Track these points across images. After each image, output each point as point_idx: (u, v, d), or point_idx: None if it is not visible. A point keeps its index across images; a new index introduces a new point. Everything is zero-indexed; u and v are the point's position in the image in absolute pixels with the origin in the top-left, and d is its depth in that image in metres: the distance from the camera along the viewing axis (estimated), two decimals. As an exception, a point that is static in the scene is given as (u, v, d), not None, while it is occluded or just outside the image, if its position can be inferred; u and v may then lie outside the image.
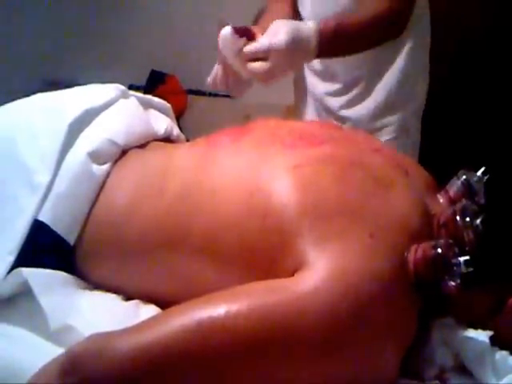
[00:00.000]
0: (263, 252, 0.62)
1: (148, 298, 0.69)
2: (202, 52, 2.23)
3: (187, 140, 0.94)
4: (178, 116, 2.02)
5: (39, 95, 0.87)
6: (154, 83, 2.07)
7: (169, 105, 0.96)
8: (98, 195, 0.73)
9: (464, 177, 0.73)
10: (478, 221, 0.65)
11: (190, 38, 2.22)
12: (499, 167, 0.80)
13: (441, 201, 0.73)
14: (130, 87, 2.06)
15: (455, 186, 0.73)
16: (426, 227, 0.66)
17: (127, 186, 0.74)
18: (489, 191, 0.74)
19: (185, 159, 0.75)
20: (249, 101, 2.16)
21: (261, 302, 0.56)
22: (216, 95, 2.19)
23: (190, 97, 2.12)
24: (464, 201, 0.69)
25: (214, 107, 2.10)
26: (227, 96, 2.22)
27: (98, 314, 0.65)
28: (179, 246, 0.67)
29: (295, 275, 0.59)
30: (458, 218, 0.66)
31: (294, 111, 1.35)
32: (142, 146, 0.81)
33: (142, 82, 2.13)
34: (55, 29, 2.24)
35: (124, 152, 0.78)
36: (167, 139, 0.88)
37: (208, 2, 2.22)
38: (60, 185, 0.72)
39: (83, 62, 2.16)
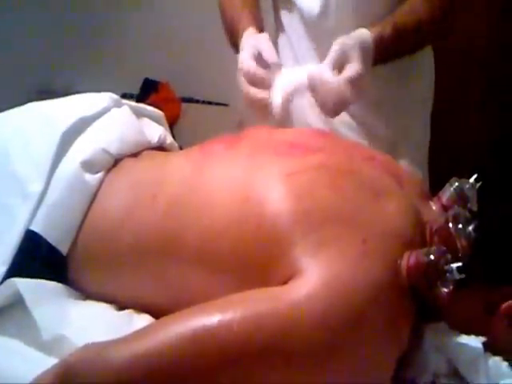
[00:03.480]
0: (257, 260, 0.62)
1: (141, 308, 0.69)
2: (195, 60, 2.25)
3: (180, 148, 0.94)
4: (172, 124, 2.02)
5: (32, 104, 0.86)
6: (147, 91, 2.07)
7: (162, 113, 0.96)
8: (90, 205, 0.73)
9: (456, 184, 0.73)
10: (471, 228, 0.66)
11: (183, 46, 2.23)
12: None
13: (433, 208, 0.73)
14: (124, 95, 2.06)
15: (448, 193, 0.73)
16: (419, 234, 0.66)
17: (120, 196, 0.74)
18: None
19: (178, 168, 0.75)
20: (242, 107, 2.18)
21: (254, 311, 0.56)
22: (209, 103, 2.19)
23: (184, 104, 2.13)
24: (456, 208, 0.70)
25: (208, 114, 2.11)
26: (220, 104, 2.24)
27: (91, 324, 0.65)
28: (172, 255, 0.67)
29: (289, 283, 0.59)
30: (450, 225, 0.66)
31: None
32: (135, 154, 0.81)
33: (136, 90, 2.13)
34: (49, 38, 2.25)
35: (117, 161, 0.78)
36: (160, 148, 0.88)
37: (202, 10, 2.22)
38: (52, 194, 0.72)
39: (77, 71, 2.17)
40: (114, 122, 0.83)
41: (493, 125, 1.76)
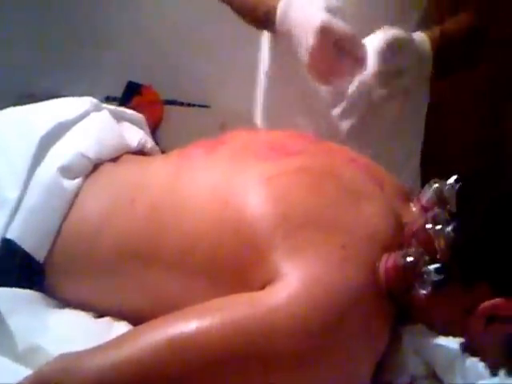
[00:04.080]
0: (235, 266, 0.62)
1: (120, 315, 0.68)
2: (178, 62, 2.24)
3: (162, 152, 0.94)
4: (156, 127, 2.02)
5: (10, 109, 0.86)
6: (130, 94, 2.06)
7: (142, 116, 0.95)
8: (69, 211, 0.72)
9: (436, 185, 0.74)
10: (449, 228, 0.66)
11: (166, 48, 2.22)
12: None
13: (413, 209, 0.73)
14: (107, 99, 2.06)
15: (427, 194, 0.74)
16: (398, 237, 0.66)
17: (99, 201, 0.73)
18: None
19: (158, 173, 0.74)
20: (224, 109, 2.18)
21: (233, 317, 0.56)
22: (192, 105, 2.19)
23: (167, 107, 2.12)
24: (436, 209, 0.70)
25: (191, 117, 2.10)
26: (202, 105, 2.24)
27: (67, 333, 0.64)
28: (151, 261, 0.66)
29: (268, 287, 0.59)
30: (429, 226, 0.66)
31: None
32: (115, 159, 0.81)
33: (119, 93, 2.13)
34: (32, 41, 2.23)
35: (96, 166, 0.78)
36: (141, 152, 0.88)
37: (185, 11, 2.22)
38: (29, 200, 0.72)
39: (60, 75, 2.15)
40: (93, 126, 0.82)
41: (482, 127, 1.77)
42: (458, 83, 1.23)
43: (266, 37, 1.14)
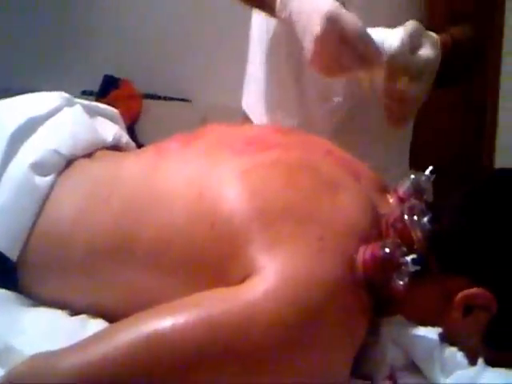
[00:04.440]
0: (212, 260, 0.62)
1: (96, 312, 0.67)
2: (156, 55, 2.22)
3: (139, 146, 0.93)
4: (134, 121, 2.00)
5: (-18, 105, 0.84)
6: (107, 88, 2.04)
7: (117, 111, 0.94)
8: (42, 208, 0.71)
9: (412, 176, 0.74)
10: (426, 219, 0.66)
11: (144, 42, 2.20)
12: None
13: (390, 201, 0.73)
14: (83, 93, 2.03)
15: (404, 185, 0.74)
16: (375, 228, 0.66)
17: (73, 198, 0.72)
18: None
19: (132, 168, 0.73)
20: (205, 103, 2.17)
21: (209, 312, 0.55)
22: (172, 99, 2.17)
23: (146, 101, 2.10)
24: (412, 200, 0.70)
25: (170, 111, 2.09)
26: (183, 99, 2.22)
27: (41, 333, 0.63)
28: (126, 258, 0.65)
29: (245, 282, 0.58)
30: (405, 217, 0.66)
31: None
32: (89, 155, 0.79)
33: (96, 87, 2.10)
34: (7, 35, 2.20)
35: (69, 162, 0.76)
36: (116, 147, 0.86)
37: (162, 5, 2.20)
38: (0, 198, 0.70)
39: (36, 69, 2.12)
40: (66, 121, 0.81)
41: (463, 126, 1.79)
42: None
43: (256, 24, 1.10)
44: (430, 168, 0.75)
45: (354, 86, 0.93)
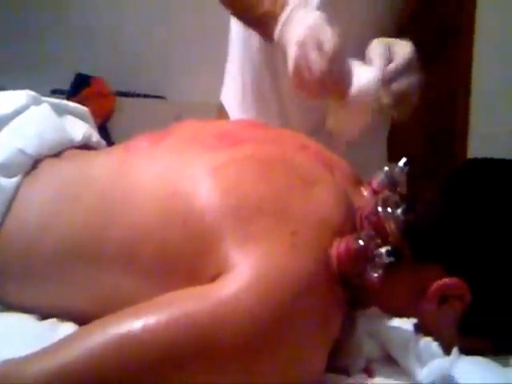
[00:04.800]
0: (185, 259, 0.61)
1: (66, 316, 0.66)
2: (129, 52, 2.20)
3: (110, 145, 0.91)
4: (106, 119, 1.97)
5: None
6: (78, 87, 2.01)
7: (87, 109, 0.92)
8: (8, 209, 0.69)
9: (386, 168, 0.74)
10: (399, 211, 0.66)
11: (118, 39, 2.18)
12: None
13: (364, 193, 0.73)
14: (54, 92, 2.00)
15: (378, 177, 0.74)
16: (350, 221, 0.66)
17: (40, 200, 0.70)
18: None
19: (102, 167, 0.72)
20: (180, 100, 2.15)
21: (181, 312, 0.54)
22: (146, 96, 2.15)
23: (120, 99, 2.08)
24: (386, 192, 0.70)
25: (145, 108, 2.07)
26: (157, 97, 2.20)
27: (9, 338, 0.61)
28: (95, 259, 0.64)
29: (217, 280, 0.57)
30: (379, 209, 0.66)
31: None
32: (57, 155, 0.77)
33: (68, 86, 2.07)
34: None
35: (37, 162, 0.74)
36: (86, 146, 0.84)
37: (137, 2, 2.18)
38: None
39: (6, 66, 2.08)
40: (33, 120, 0.79)
41: (432, 118, 1.79)
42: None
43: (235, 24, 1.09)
44: (404, 160, 0.75)
45: None
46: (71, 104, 0.90)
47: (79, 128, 0.85)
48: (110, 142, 0.94)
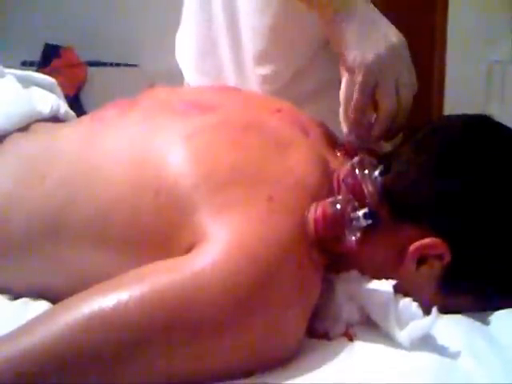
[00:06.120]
0: (158, 231, 0.59)
1: (38, 295, 0.64)
2: (100, 20, 2.13)
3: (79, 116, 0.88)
4: (78, 89, 1.92)
5: None
6: (48, 57, 1.95)
7: (54, 80, 0.89)
8: None
9: None
10: (377, 172, 0.65)
11: (86, 7, 2.11)
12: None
13: (338, 155, 0.72)
14: (23, 64, 1.93)
15: (349, 138, 0.72)
16: (327, 185, 0.65)
17: (7, 175, 0.68)
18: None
19: (68, 140, 0.69)
20: (153, 68, 2.10)
21: (155, 285, 0.53)
22: (118, 65, 2.10)
23: (92, 68, 2.02)
24: (361, 154, 0.69)
25: (117, 77, 2.02)
26: (129, 65, 2.15)
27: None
28: (64, 235, 0.62)
29: (192, 251, 0.56)
30: (356, 171, 0.65)
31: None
32: (24, 128, 0.75)
33: (37, 57, 2.01)
34: None
35: (2, 137, 0.72)
36: (55, 118, 0.82)
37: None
38: None
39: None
40: (-3, 93, 0.76)
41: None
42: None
43: None
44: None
45: (291, 57, 0.90)
46: (38, 75, 0.87)
47: (46, 100, 0.82)
48: (82, 113, 0.91)
